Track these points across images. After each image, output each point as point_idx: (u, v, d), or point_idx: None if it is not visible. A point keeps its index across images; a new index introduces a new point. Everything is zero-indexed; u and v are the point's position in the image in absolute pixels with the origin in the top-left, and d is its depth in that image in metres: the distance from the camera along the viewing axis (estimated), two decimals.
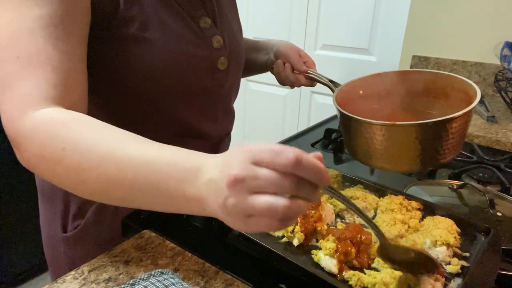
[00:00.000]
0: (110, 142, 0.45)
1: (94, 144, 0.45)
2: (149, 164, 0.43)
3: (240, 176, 0.37)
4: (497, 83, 1.37)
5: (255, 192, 0.37)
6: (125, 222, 0.68)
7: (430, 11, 1.67)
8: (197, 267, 0.56)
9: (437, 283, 0.51)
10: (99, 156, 0.45)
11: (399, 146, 0.52)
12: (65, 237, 0.74)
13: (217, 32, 0.69)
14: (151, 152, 0.44)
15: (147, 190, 0.44)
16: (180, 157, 0.43)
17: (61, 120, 0.47)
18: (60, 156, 0.46)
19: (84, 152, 0.45)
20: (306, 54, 0.88)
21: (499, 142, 1.13)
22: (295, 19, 2.08)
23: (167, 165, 0.42)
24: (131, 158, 0.44)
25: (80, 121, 0.48)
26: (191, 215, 0.69)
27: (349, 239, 0.56)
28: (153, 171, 0.43)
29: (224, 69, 0.71)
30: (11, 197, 1.78)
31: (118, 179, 0.44)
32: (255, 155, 0.37)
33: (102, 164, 0.44)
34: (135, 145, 0.45)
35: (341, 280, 0.53)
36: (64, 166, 0.46)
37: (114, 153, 0.44)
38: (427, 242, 0.59)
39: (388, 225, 0.62)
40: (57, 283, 0.53)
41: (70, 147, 0.45)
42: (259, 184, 0.37)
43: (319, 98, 2.12)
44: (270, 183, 0.36)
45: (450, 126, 0.51)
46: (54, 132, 0.46)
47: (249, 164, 0.37)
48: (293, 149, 0.37)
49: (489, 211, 0.71)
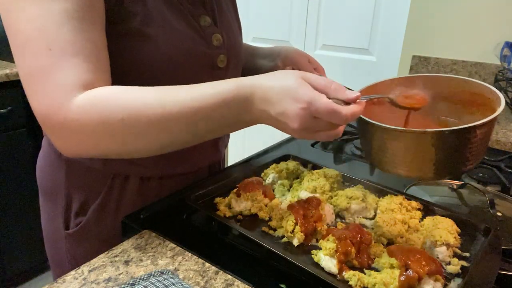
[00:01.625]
0: (158, 95, 0.52)
1: (146, 102, 0.51)
2: (203, 101, 0.51)
3: (303, 127, 0.49)
4: (497, 83, 1.36)
5: (315, 130, 0.51)
6: (125, 222, 0.68)
7: (430, 11, 1.67)
8: (197, 267, 0.56)
9: (437, 283, 0.51)
10: (155, 110, 0.51)
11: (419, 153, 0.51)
12: (68, 234, 0.74)
13: (216, 31, 0.70)
14: (200, 91, 0.52)
15: (206, 127, 0.53)
16: (228, 93, 0.51)
17: (107, 96, 0.52)
18: (121, 125, 0.51)
19: (142, 116, 0.51)
20: (315, 60, 0.89)
21: (499, 142, 1.13)
22: (295, 19, 2.08)
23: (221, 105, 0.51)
24: (186, 105, 0.51)
25: (121, 91, 0.53)
26: (191, 215, 0.69)
27: (349, 239, 0.56)
28: (210, 111, 0.51)
29: (223, 67, 0.72)
30: (11, 197, 1.78)
31: (179, 127, 0.52)
32: (312, 113, 0.48)
33: (161, 115, 0.51)
34: (186, 93, 0.52)
35: (341, 280, 0.53)
36: (128, 132, 0.52)
37: (169, 102, 0.51)
38: (427, 242, 0.59)
39: (388, 225, 0.62)
40: (57, 283, 0.53)
41: (127, 116, 0.51)
42: (319, 128, 0.51)
43: None
44: (326, 127, 0.50)
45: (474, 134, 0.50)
46: (106, 109, 0.51)
47: (309, 118, 0.49)
48: (343, 110, 0.48)
49: (489, 211, 0.71)
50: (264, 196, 0.69)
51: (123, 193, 0.72)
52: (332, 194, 0.71)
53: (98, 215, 0.72)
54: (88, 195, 0.72)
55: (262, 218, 0.66)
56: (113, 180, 0.71)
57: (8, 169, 1.74)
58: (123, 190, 0.72)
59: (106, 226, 0.72)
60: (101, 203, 0.71)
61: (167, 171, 0.74)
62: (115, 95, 0.52)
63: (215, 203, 0.69)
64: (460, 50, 1.64)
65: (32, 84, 0.51)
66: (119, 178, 0.71)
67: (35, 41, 0.50)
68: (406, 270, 0.51)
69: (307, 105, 0.48)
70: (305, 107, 0.48)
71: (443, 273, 0.52)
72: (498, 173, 0.89)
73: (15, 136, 1.73)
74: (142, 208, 0.69)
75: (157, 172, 0.73)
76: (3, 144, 1.70)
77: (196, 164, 0.77)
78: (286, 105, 0.49)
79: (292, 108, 0.48)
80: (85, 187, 0.72)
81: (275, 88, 0.50)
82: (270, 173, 0.79)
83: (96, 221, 0.72)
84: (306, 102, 0.47)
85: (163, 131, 0.52)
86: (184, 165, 0.75)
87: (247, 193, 0.67)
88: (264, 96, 0.50)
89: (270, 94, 0.50)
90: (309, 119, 0.48)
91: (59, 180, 0.73)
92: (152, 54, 0.62)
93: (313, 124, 0.49)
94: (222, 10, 0.74)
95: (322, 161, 0.82)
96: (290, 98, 0.48)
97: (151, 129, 0.52)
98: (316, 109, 0.48)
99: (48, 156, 0.75)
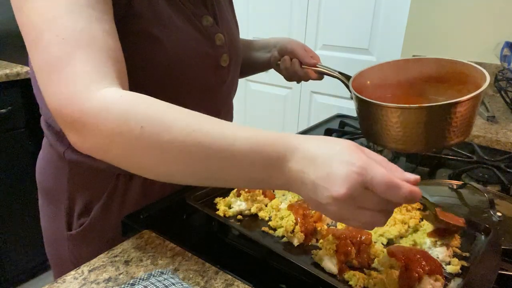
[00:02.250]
0: (189, 121, 0.45)
1: (173, 121, 0.45)
2: (232, 144, 0.44)
3: (351, 196, 0.40)
4: (497, 83, 1.37)
5: (359, 207, 0.41)
6: (125, 222, 0.68)
7: (430, 11, 1.67)
8: (197, 267, 0.56)
9: (437, 283, 0.51)
10: (180, 134, 0.44)
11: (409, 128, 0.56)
12: (70, 235, 0.74)
13: (218, 30, 0.71)
14: (234, 130, 0.45)
15: (230, 171, 0.45)
16: (264, 141, 0.44)
17: (132, 99, 0.47)
18: (139, 135, 0.45)
19: (164, 130, 0.45)
20: (310, 49, 0.90)
21: (499, 142, 1.12)
22: (295, 19, 2.08)
23: (251, 150, 0.43)
24: (213, 137, 0.44)
25: (149, 100, 0.48)
26: (191, 215, 0.69)
27: (349, 239, 0.56)
28: (237, 152, 0.44)
29: (226, 66, 0.73)
30: (10, 198, 1.78)
31: (199, 157, 0.44)
32: (367, 182, 0.40)
33: (183, 142, 0.44)
34: (214, 125, 0.45)
35: (341, 280, 0.53)
36: (143, 144, 0.45)
37: (195, 132, 0.44)
38: (427, 242, 0.59)
39: (388, 225, 0.62)
40: (57, 283, 0.53)
41: (149, 124, 0.45)
42: (367, 204, 0.41)
43: (319, 98, 2.12)
44: (377, 205, 0.41)
45: (455, 110, 0.54)
46: (129, 112, 0.46)
47: (360, 188, 0.40)
48: (405, 186, 0.39)
49: (489, 211, 0.71)
50: (264, 196, 0.69)
51: (127, 193, 0.72)
52: None
53: (101, 215, 0.72)
54: (91, 195, 0.71)
55: (262, 218, 0.66)
56: (117, 180, 0.71)
57: (8, 169, 1.74)
58: (127, 189, 0.71)
59: (109, 226, 0.72)
60: (105, 203, 0.71)
61: None
62: (142, 101, 0.47)
63: (215, 203, 0.69)
64: (460, 50, 1.64)
65: (47, 75, 0.49)
66: (123, 178, 0.71)
67: (47, 32, 0.48)
68: (406, 270, 0.51)
69: (361, 169, 0.40)
70: (358, 172, 0.39)
71: (443, 273, 0.52)
72: (498, 173, 0.89)
73: (15, 136, 1.73)
74: (142, 208, 0.69)
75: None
76: (3, 144, 1.70)
77: None
78: (334, 168, 0.40)
79: (341, 170, 0.40)
80: (89, 187, 0.71)
81: (321, 148, 0.42)
82: None
83: (100, 222, 0.72)
84: (361, 167, 0.40)
85: (184, 156, 0.45)
86: None
87: (247, 193, 0.67)
88: (305, 155, 0.42)
89: (315, 153, 0.42)
90: (359, 188, 0.40)
91: (61, 181, 0.72)
92: (159, 55, 0.62)
93: (362, 197, 0.40)
94: (222, 9, 0.74)
95: None
96: (340, 160, 0.41)
97: (170, 147, 0.45)
98: (372, 177, 0.39)
99: (50, 157, 0.74)
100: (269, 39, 0.96)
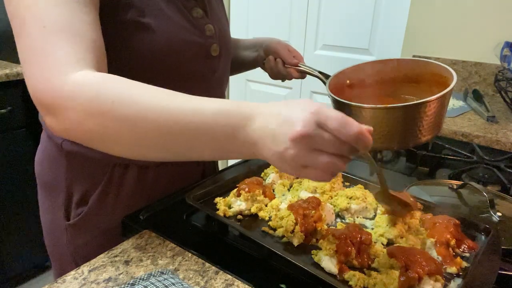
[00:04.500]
0: (156, 94, 0.49)
1: (142, 97, 0.48)
2: (198, 112, 0.47)
3: (306, 134, 0.43)
4: (497, 83, 1.36)
5: (315, 149, 0.44)
6: (125, 222, 0.68)
7: (430, 11, 1.67)
8: (197, 267, 0.56)
9: (437, 284, 0.51)
10: (149, 107, 0.48)
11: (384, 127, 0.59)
12: (68, 225, 0.76)
13: (208, 21, 0.73)
14: (197, 102, 0.48)
15: (197, 137, 0.47)
16: (227, 107, 0.47)
17: (103, 79, 0.50)
18: (109, 109, 0.48)
19: (133, 104, 0.48)
20: (294, 49, 0.93)
21: (499, 142, 1.13)
22: (295, 19, 2.08)
23: (216, 114, 0.47)
24: (180, 110, 0.47)
25: (120, 79, 0.51)
26: (191, 215, 0.69)
27: (349, 239, 0.56)
28: (204, 118, 0.47)
29: (216, 56, 0.75)
30: (10, 198, 1.78)
31: (168, 127, 0.47)
32: (321, 120, 0.43)
33: (153, 114, 0.47)
34: (180, 98, 0.49)
35: (341, 280, 0.53)
36: (114, 119, 0.48)
37: (163, 104, 0.48)
38: (427, 242, 0.59)
39: (388, 225, 0.62)
40: (57, 283, 0.53)
41: (118, 100, 0.48)
42: (322, 144, 0.43)
43: (319, 98, 2.12)
44: (332, 146, 0.43)
45: (428, 108, 0.58)
46: (100, 89, 0.49)
47: (315, 125, 0.43)
48: (355, 124, 0.43)
49: (489, 211, 0.71)
50: (264, 196, 0.69)
51: (123, 182, 0.73)
52: (332, 194, 0.71)
53: (98, 204, 0.73)
54: (88, 185, 0.73)
55: (262, 218, 0.66)
56: (113, 169, 0.72)
57: (8, 169, 1.74)
58: (122, 178, 0.73)
59: (106, 215, 0.74)
60: (102, 192, 0.73)
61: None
62: (112, 79, 0.51)
63: (215, 203, 0.69)
64: (460, 50, 1.64)
65: (29, 61, 0.52)
66: (119, 167, 0.73)
67: (30, 22, 0.51)
68: (406, 271, 0.51)
69: (316, 110, 0.43)
70: (314, 112, 0.43)
71: (443, 273, 0.52)
72: (498, 173, 0.89)
73: (15, 136, 1.73)
74: (142, 208, 0.70)
75: (155, 160, 0.74)
76: (3, 144, 1.70)
77: None
78: (292, 114, 0.44)
79: (298, 113, 0.43)
80: (86, 177, 0.73)
81: (278, 103, 0.46)
82: (270, 173, 0.79)
83: (97, 210, 0.74)
84: (316, 109, 0.43)
85: (152, 127, 0.48)
86: None
87: (247, 193, 0.67)
88: (273, 111, 0.46)
89: (280, 109, 0.45)
90: (314, 125, 0.43)
91: (59, 172, 0.74)
92: (150, 43, 0.64)
93: (317, 137, 0.43)
94: (212, 3, 0.77)
95: None
96: (299, 108, 0.44)
97: (139, 120, 0.48)
98: (326, 116, 0.43)
99: (48, 149, 0.76)
100: (257, 39, 1.00)
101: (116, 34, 0.62)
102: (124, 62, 0.64)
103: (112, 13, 0.61)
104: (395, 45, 1.80)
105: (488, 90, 1.58)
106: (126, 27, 0.62)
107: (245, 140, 0.46)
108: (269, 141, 0.45)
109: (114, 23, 0.61)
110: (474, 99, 1.43)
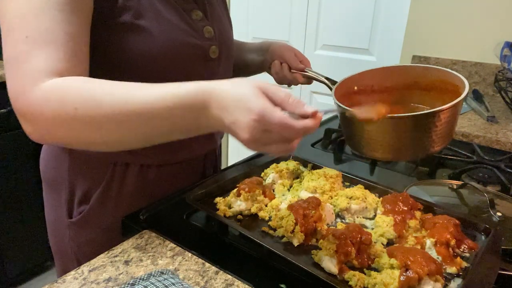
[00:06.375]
0: (118, 93, 0.51)
1: (103, 97, 0.51)
2: (157, 104, 0.50)
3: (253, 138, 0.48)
4: (497, 83, 1.36)
5: (265, 143, 0.49)
6: (125, 222, 0.68)
7: (430, 11, 1.67)
8: (197, 267, 0.56)
9: (437, 284, 0.51)
10: (111, 107, 0.50)
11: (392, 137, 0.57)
12: (71, 223, 0.76)
13: (207, 24, 0.73)
14: (158, 91, 0.51)
15: (163, 128, 0.52)
16: (185, 95, 0.50)
17: (68, 85, 0.52)
18: (74, 116, 0.51)
19: (96, 107, 0.51)
20: (301, 54, 0.91)
21: (499, 142, 1.13)
22: (295, 19, 2.08)
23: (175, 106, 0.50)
24: (140, 103, 0.50)
25: (83, 82, 0.53)
26: (191, 215, 0.69)
27: (349, 239, 0.56)
28: (163, 110, 0.50)
29: (215, 58, 0.74)
30: (11, 198, 1.78)
31: (133, 124, 0.51)
32: (265, 126, 0.47)
33: (116, 114, 0.50)
34: (140, 91, 0.51)
35: (341, 280, 0.53)
36: (80, 123, 0.51)
37: (124, 102, 0.51)
38: (427, 242, 0.59)
39: (388, 225, 0.62)
40: (57, 283, 0.53)
41: (82, 106, 0.51)
42: (269, 142, 0.48)
43: (319, 98, 2.12)
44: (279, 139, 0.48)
45: (438, 119, 0.55)
46: (64, 96, 0.51)
47: (260, 131, 0.47)
48: (296, 124, 0.46)
49: (489, 211, 0.71)
50: (264, 196, 0.69)
51: (124, 181, 0.74)
52: (332, 194, 0.71)
53: (100, 202, 0.74)
54: (90, 183, 0.74)
55: (262, 218, 0.66)
56: (114, 168, 0.73)
57: (8, 170, 1.74)
58: (123, 177, 0.74)
59: (108, 213, 0.75)
60: (103, 190, 0.74)
61: (166, 159, 0.76)
62: (76, 84, 0.53)
63: (215, 203, 0.69)
64: (460, 50, 1.64)
65: (9, 69, 0.54)
66: (120, 166, 0.73)
67: (15, 29, 0.53)
68: (406, 271, 0.51)
69: (258, 117, 0.46)
70: (256, 119, 0.46)
71: (443, 273, 0.52)
72: (498, 173, 0.89)
73: (15, 136, 1.73)
74: (142, 208, 0.70)
75: (156, 160, 0.75)
76: (4, 144, 1.70)
77: (193, 152, 0.79)
78: (238, 115, 0.47)
79: (243, 118, 0.47)
80: (88, 176, 0.74)
81: (230, 95, 0.48)
82: (270, 173, 0.79)
83: (99, 209, 0.74)
84: (258, 114, 0.46)
85: (118, 125, 0.51)
86: (181, 153, 0.77)
87: (247, 193, 0.67)
88: (220, 103, 0.49)
89: (226, 101, 0.48)
90: (260, 131, 0.47)
91: (62, 170, 0.75)
92: (147, 45, 0.64)
93: (264, 137, 0.47)
94: (213, 5, 0.77)
95: (322, 161, 0.82)
96: (243, 108, 0.47)
97: (104, 121, 0.51)
98: (268, 122, 0.46)
99: (52, 148, 0.77)
100: (263, 43, 0.98)
101: (112, 37, 0.62)
102: (121, 65, 0.64)
103: (107, 16, 0.61)
104: (395, 45, 1.80)
105: (488, 90, 1.58)
106: (121, 30, 0.62)
107: (208, 121, 0.51)
108: (228, 130, 0.50)
109: (109, 26, 0.62)
110: (474, 99, 1.43)
